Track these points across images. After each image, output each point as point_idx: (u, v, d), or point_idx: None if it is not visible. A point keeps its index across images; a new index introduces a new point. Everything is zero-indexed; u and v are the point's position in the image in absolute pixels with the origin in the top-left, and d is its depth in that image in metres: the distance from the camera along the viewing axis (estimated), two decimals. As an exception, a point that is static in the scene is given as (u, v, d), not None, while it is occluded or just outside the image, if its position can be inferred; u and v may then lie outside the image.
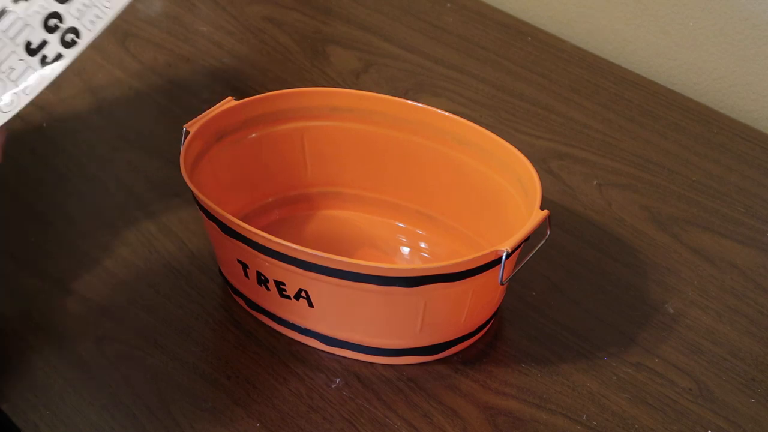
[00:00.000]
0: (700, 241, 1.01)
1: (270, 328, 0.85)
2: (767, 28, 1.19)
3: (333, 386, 0.80)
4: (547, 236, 0.81)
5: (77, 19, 0.87)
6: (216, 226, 0.80)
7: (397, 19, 1.37)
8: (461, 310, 0.80)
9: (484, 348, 0.85)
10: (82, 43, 0.87)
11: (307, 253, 0.74)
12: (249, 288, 0.84)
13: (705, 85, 1.28)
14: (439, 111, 0.91)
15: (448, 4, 1.42)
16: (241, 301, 0.86)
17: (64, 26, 0.86)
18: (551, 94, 1.24)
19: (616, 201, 1.06)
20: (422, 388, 0.81)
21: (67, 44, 0.86)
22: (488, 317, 0.85)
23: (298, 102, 0.93)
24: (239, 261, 0.81)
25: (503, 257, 0.75)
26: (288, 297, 0.80)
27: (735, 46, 1.23)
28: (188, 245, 0.93)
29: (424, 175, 0.94)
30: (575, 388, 0.82)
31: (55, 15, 0.86)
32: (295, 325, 0.82)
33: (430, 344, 0.82)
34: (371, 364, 0.82)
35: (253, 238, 0.77)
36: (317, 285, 0.77)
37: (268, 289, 0.80)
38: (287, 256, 0.76)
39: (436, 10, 1.40)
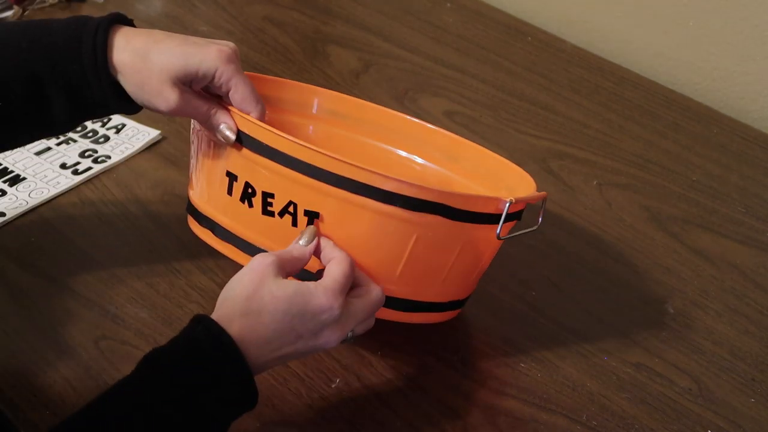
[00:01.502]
0: (700, 241, 1.01)
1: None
2: (767, 28, 1.20)
3: (333, 386, 0.80)
4: (539, 224, 0.81)
5: (110, 150, 1.04)
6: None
7: (397, 19, 1.37)
8: (445, 262, 0.77)
9: (484, 348, 0.85)
10: (112, 162, 1.03)
11: (314, 153, 0.70)
12: (227, 209, 0.78)
13: (705, 85, 1.28)
14: (427, 125, 0.92)
15: (448, 4, 1.42)
16: (207, 233, 0.81)
17: (97, 154, 1.03)
18: (551, 94, 1.24)
19: (616, 201, 1.06)
20: (422, 388, 0.81)
21: (98, 162, 1.02)
22: (463, 296, 0.83)
23: (278, 92, 0.91)
24: (228, 173, 0.77)
25: (506, 205, 0.74)
26: (271, 214, 0.75)
27: (735, 46, 1.23)
28: (188, 245, 0.93)
29: None
30: (575, 388, 0.82)
31: (92, 149, 1.04)
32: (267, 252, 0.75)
33: (404, 297, 0.78)
34: (371, 364, 0.82)
35: (257, 137, 0.73)
36: (308, 196, 0.72)
37: (251, 205, 0.76)
38: (285, 155, 0.72)
39: (436, 10, 1.40)
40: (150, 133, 1.07)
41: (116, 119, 1.09)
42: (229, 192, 0.77)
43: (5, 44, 0.74)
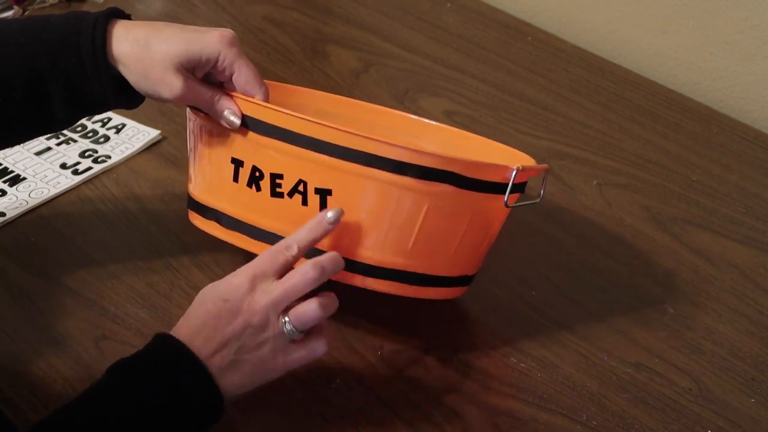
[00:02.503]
0: (700, 241, 1.01)
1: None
2: (767, 28, 1.20)
3: (333, 386, 0.80)
4: (541, 196, 0.82)
5: (110, 150, 1.04)
6: (213, 125, 0.77)
7: (397, 19, 1.37)
8: (456, 233, 0.77)
9: (484, 348, 0.85)
10: (112, 162, 1.03)
11: (324, 128, 0.70)
12: (233, 197, 0.77)
13: (705, 85, 1.28)
14: (424, 120, 0.92)
15: (448, 4, 1.42)
16: (213, 225, 0.80)
17: (97, 154, 1.03)
18: (551, 94, 1.24)
19: (616, 201, 1.06)
20: (422, 388, 0.81)
21: (98, 162, 1.02)
22: (472, 271, 0.83)
23: (279, 97, 0.91)
24: (234, 160, 0.76)
25: (513, 173, 0.75)
26: (281, 195, 0.75)
27: (735, 46, 1.23)
28: (188, 244, 0.93)
29: None
30: (575, 388, 0.82)
31: (92, 149, 1.04)
32: (279, 236, 0.75)
33: (416, 271, 0.78)
34: (371, 364, 0.82)
35: (264, 118, 0.73)
36: (319, 173, 0.72)
37: (258, 189, 0.76)
38: (294, 133, 0.72)
39: (436, 10, 1.40)
40: (150, 133, 1.07)
41: (116, 119, 1.09)
42: (235, 179, 0.77)
43: (5, 42, 0.74)
